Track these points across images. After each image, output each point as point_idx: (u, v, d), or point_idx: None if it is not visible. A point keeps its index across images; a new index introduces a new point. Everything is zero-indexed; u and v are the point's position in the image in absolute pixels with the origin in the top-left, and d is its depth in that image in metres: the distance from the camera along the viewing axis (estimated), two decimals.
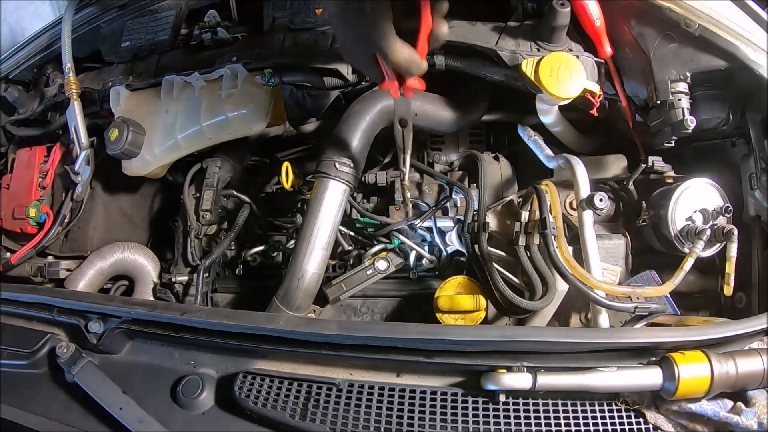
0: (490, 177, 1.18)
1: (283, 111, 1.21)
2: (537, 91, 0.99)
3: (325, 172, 1.04)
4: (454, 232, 1.17)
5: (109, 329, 0.91)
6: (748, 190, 1.03)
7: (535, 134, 1.19)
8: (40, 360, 0.93)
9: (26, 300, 1.02)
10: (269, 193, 1.42)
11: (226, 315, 0.89)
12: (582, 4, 1.00)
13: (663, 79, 0.98)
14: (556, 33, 1.01)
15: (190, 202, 1.28)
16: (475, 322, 1.03)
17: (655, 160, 1.11)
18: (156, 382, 0.86)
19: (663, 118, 0.99)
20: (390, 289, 1.20)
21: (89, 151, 1.28)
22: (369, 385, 0.79)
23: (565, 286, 0.98)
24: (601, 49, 1.05)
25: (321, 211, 1.04)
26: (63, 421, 0.85)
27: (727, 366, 0.72)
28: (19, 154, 1.45)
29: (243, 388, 0.81)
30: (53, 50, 1.44)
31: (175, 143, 1.21)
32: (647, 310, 0.93)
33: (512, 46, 1.03)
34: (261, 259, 1.32)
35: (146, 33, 1.34)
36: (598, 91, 1.00)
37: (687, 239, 1.00)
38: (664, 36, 0.97)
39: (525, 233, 1.05)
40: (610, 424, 0.74)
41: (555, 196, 1.02)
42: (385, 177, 1.25)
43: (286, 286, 1.04)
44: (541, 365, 0.76)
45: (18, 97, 1.46)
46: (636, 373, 0.74)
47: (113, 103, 1.28)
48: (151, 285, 1.30)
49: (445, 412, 0.75)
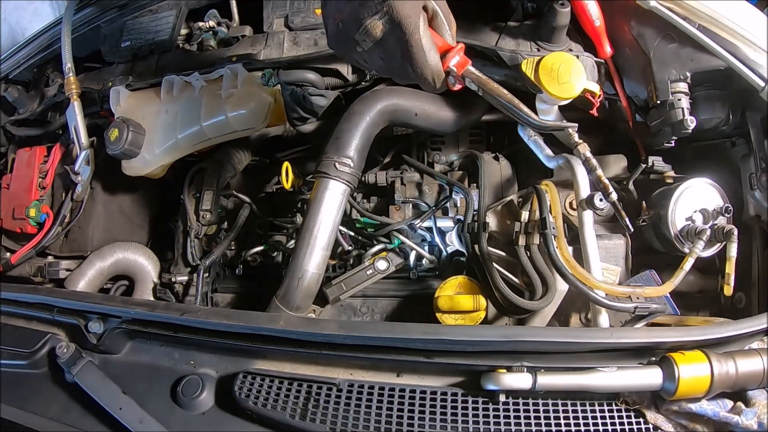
0: (490, 177, 1.18)
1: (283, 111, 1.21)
2: (537, 91, 0.99)
3: (325, 172, 1.04)
4: (454, 232, 1.17)
5: (109, 329, 0.91)
6: (748, 190, 1.03)
7: (535, 134, 1.19)
8: (40, 360, 0.93)
9: (26, 300, 1.02)
10: (269, 193, 1.42)
11: (226, 315, 0.89)
12: (581, 4, 1.01)
13: (663, 79, 0.98)
14: (556, 33, 1.01)
15: (190, 202, 1.28)
16: (475, 322, 1.03)
17: (655, 160, 1.11)
18: (156, 382, 0.86)
19: (663, 118, 0.99)
20: (390, 289, 1.20)
21: (89, 151, 1.28)
22: (369, 385, 0.79)
23: (565, 286, 0.98)
24: (601, 49, 1.05)
25: (321, 211, 1.04)
26: (63, 421, 0.85)
27: (727, 366, 0.72)
28: (19, 154, 1.45)
29: (243, 388, 0.81)
30: (53, 50, 1.45)
31: (175, 143, 1.21)
32: (647, 310, 0.93)
33: (512, 46, 1.03)
34: (261, 259, 1.32)
35: (146, 33, 1.34)
36: (598, 91, 1.00)
37: (687, 239, 1.00)
38: (664, 36, 0.97)
39: (525, 233, 1.05)
40: (610, 424, 0.74)
41: (555, 196, 1.02)
42: (385, 177, 1.25)
43: (286, 286, 1.04)
44: (541, 365, 0.76)
45: (18, 97, 1.47)
46: (636, 373, 0.74)
47: (113, 103, 1.28)
48: (151, 285, 1.30)
49: (445, 412, 0.75)
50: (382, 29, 0.77)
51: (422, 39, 0.78)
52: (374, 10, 0.76)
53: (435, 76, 0.81)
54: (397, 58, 0.79)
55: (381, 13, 0.76)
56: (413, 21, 0.76)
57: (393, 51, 0.79)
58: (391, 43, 0.78)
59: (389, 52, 0.79)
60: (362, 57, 0.83)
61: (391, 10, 0.75)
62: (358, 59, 0.85)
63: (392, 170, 1.27)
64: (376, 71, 0.94)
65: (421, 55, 0.78)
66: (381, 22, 0.76)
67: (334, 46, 0.86)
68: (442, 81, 0.83)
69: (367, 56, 0.82)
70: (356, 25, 0.77)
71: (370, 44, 0.79)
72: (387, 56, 0.80)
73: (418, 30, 0.76)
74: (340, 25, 0.79)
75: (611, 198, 0.92)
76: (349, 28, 0.78)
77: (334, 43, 0.85)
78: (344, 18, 0.79)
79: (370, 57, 0.82)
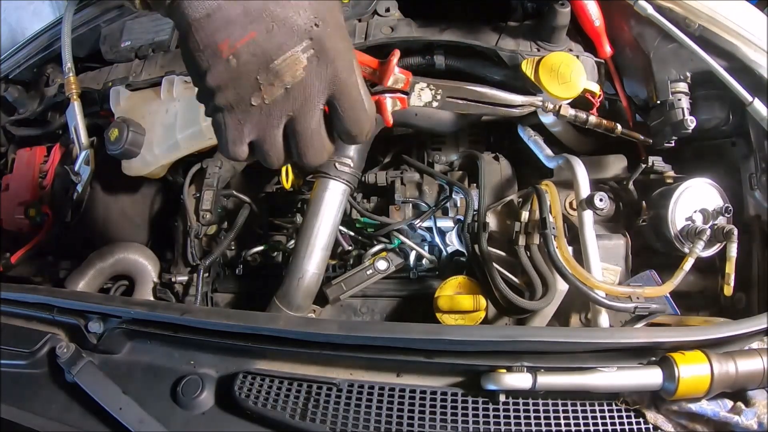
0: (490, 177, 1.18)
1: None
2: (537, 91, 0.99)
3: (325, 172, 1.04)
4: (454, 232, 1.17)
5: (109, 329, 0.91)
6: (748, 190, 1.03)
7: (535, 134, 1.19)
8: (40, 360, 0.93)
9: (26, 300, 1.02)
10: (269, 193, 1.41)
11: (226, 315, 0.89)
12: (581, 4, 1.01)
13: (663, 79, 0.98)
14: (556, 33, 1.01)
15: (190, 202, 1.28)
16: (475, 322, 1.03)
17: (655, 160, 1.11)
18: (156, 382, 0.86)
19: (663, 118, 0.99)
20: (390, 289, 1.20)
21: (89, 151, 1.28)
22: (369, 385, 0.79)
23: (565, 286, 0.98)
24: (601, 49, 1.05)
25: (321, 211, 1.04)
26: (63, 421, 0.85)
27: (727, 366, 0.72)
28: (19, 154, 1.45)
29: (243, 388, 0.81)
30: (53, 50, 1.44)
31: (175, 143, 1.21)
32: (647, 310, 0.93)
33: (512, 46, 1.03)
34: (261, 259, 1.32)
35: (146, 33, 1.33)
36: (598, 91, 1.00)
37: (687, 239, 1.00)
38: (664, 36, 0.97)
39: (525, 233, 1.05)
40: (610, 424, 0.74)
41: (555, 196, 1.02)
42: (385, 177, 1.25)
43: (286, 286, 1.04)
44: (541, 365, 0.76)
45: (18, 97, 1.46)
46: (636, 373, 0.74)
47: (113, 103, 1.28)
48: (151, 285, 1.30)
49: (445, 412, 0.75)
50: (306, 66, 0.52)
51: (359, 80, 0.56)
52: (296, 37, 0.51)
53: (371, 126, 0.60)
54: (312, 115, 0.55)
55: (306, 43, 0.52)
56: (348, 56, 0.54)
57: (308, 103, 0.54)
58: (313, 88, 0.54)
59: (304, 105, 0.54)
60: (245, 119, 0.56)
61: (322, 37, 0.52)
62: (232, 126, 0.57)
63: (392, 170, 1.27)
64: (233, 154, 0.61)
65: (359, 103, 0.56)
66: (306, 56, 0.52)
67: (213, 92, 0.55)
68: (372, 129, 0.62)
69: (250, 117, 0.55)
70: (264, 60, 0.52)
71: (277, 93, 0.53)
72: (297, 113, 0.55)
73: (353, 68, 0.55)
74: (232, 59, 0.52)
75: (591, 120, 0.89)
76: (248, 65, 0.52)
77: (215, 87, 0.55)
78: (240, 48, 0.51)
79: (255, 117, 0.55)
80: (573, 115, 0.96)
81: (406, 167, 1.27)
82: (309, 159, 0.60)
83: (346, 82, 0.55)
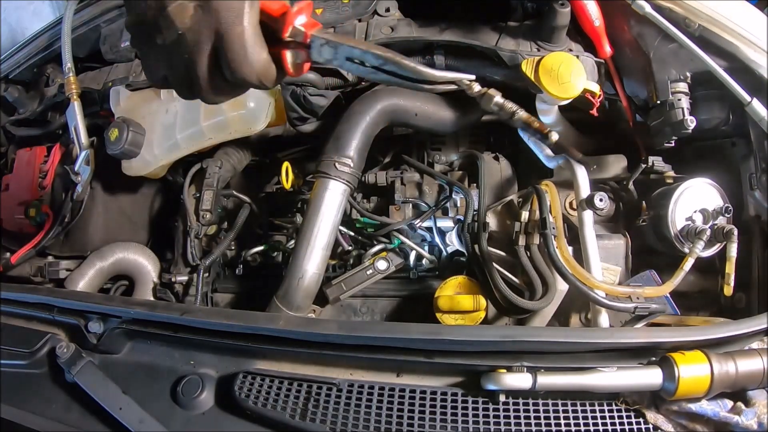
0: (490, 177, 1.18)
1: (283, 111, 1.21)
2: (537, 91, 0.99)
3: (325, 172, 1.04)
4: (454, 232, 1.17)
5: (109, 329, 0.91)
6: (748, 190, 1.03)
7: None
8: (40, 360, 0.93)
9: (26, 300, 1.02)
10: (269, 193, 1.41)
11: (226, 315, 0.89)
12: (581, 4, 1.01)
13: (663, 79, 0.98)
14: (556, 33, 1.01)
15: (190, 202, 1.28)
16: (475, 322, 1.03)
17: (655, 160, 1.11)
18: (156, 382, 0.86)
19: (663, 118, 0.99)
20: (390, 289, 1.20)
21: (89, 151, 1.28)
22: (369, 385, 0.79)
23: (565, 286, 0.98)
24: (601, 49, 1.05)
25: (321, 211, 1.04)
26: (63, 422, 0.85)
27: (727, 366, 0.72)
28: (19, 154, 1.45)
29: (243, 388, 0.81)
30: (53, 50, 1.44)
31: (175, 143, 1.21)
32: (647, 310, 0.93)
33: (512, 46, 1.03)
34: (261, 259, 1.32)
35: None
36: (598, 91, 1.00)
37: (687, 239, 1.00)
38: (664, 36, 0.97)
39: (525, 233, 1.05)
40: (610, 424, 0.74)
41: (555, 196, 1.02)
42: (385, 177, 1.25)
43: (286, 286, 1.04)
44: (541, 365, 0.76)
45: (18, 97, 1.46)
46: (636, 373, 0.74)
47: (113, 103, 1.28)
48: (151, 285, 1.30)
49: (445, 412, 0.75)
50: (192, 15, 0.60)
51: (245, 32, 0.60)
52: None
53: (260, 74, 0.63)
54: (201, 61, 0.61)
55: None
56: (237, 8, 0.59)
57: (196, 49, 0.61)
58: (200, 35, 0.60)
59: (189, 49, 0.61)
60: (157, 56, 0.64)
61: None
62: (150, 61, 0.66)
63: (392, 170, 1.27)
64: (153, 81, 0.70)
65: (241, 54, 0.60)
66: (193, 4, 0.60)
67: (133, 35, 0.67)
68: (271, 77, 0.64)
69: (160, 55, 0.64)
70: (160, 5, 0.60)
71: (173, 35, 0.60)
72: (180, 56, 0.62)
73: (241, 20, 0.59)
74: (141, 3, 0.62)
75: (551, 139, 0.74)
76: (150, 9, 0.61)
77: (130, 27, 0.65)
78: None
79: (163, 55, 0.64)
80: (499, 102, 0.77)
81: (406, 167, 1.27)
82: (205, 98, 0.67)
83: (229, 32, 0.60)
